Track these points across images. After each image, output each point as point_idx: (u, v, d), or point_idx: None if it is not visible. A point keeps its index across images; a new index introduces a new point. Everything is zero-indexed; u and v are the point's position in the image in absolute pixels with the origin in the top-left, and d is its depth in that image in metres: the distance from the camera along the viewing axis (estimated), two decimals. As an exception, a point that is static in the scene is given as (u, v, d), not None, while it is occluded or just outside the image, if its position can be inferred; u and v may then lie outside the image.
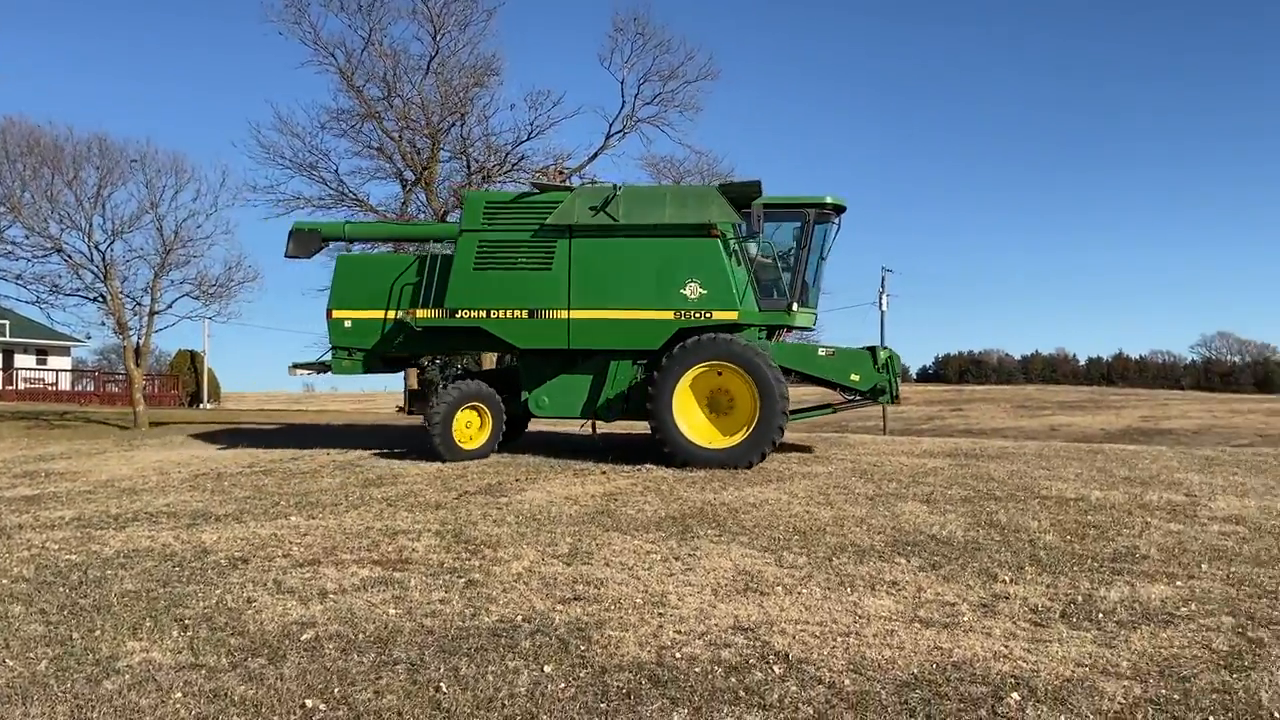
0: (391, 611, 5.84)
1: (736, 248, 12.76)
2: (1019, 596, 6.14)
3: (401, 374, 33.26)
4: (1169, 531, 8.07)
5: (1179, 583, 6.41)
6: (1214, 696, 4.41)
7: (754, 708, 4.34)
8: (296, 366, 15.32)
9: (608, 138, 33.07)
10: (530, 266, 12.98)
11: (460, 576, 6.67)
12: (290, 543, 7.84)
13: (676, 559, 7.23)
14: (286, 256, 15.02)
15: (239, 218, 78.64)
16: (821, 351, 13.23)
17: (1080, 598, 6.09)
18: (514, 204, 13.36)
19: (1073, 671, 4.75)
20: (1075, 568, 6.86)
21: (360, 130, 31.29)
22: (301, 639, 5.34)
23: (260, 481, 11.59)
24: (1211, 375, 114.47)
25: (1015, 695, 4.44)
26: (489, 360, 26.58)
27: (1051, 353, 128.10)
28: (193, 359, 49.92)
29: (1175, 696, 4.41)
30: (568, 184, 14.14)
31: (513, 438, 14.81)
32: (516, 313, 12.93)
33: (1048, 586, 6.38)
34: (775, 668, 4.84)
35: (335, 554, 7.42)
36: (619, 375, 13.14)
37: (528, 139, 31.29)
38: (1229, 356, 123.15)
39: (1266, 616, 5.64)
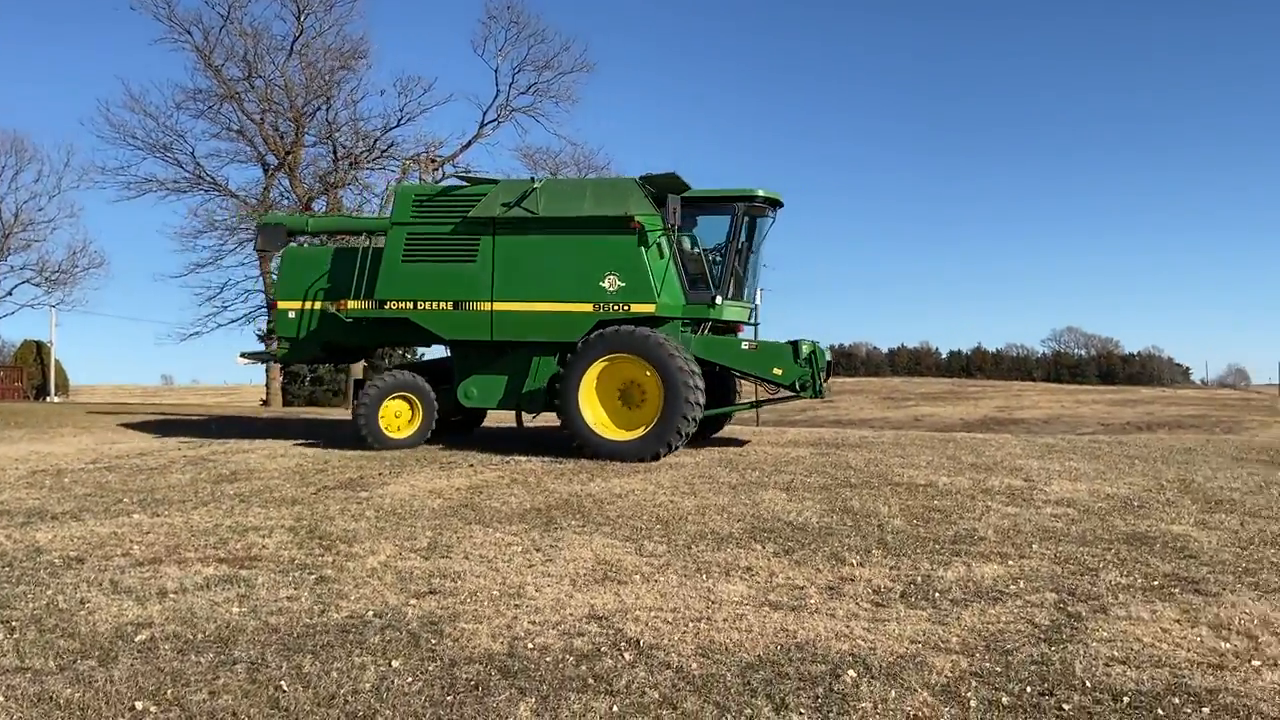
0: (235, 610, 5.66)
1: (660, 240, 12.63)
2: (864, 578, 6.39)
3: (264, 366, 32.17)
4: (1006, 514, 8.52)
5: (1010, 562, 6.78)
6: (1033, 668, 4.68)
7: (601, 694, 4.39)
8: (245, 356, 15.57)
9: (481, 126, 32.85)
10: (456, 259, 13.09)
11: (311, 573, 6.51)
12: (131, 541, 7.49)
13: (538, 550, 7.24)
14: (256, 250, 15.59)
15: (85, 200, 73.97)
16: (744, 345, 13.00)
17: (920, 578, 6.37)
18: (441, 197, 13.53)
19: (906, 648, 4.97)
20: (918, 550, 7.18)
21: (219, 111, 30.18)
22: (136, 640, 5.12)
23: (103, 478, 11.04)
24: (1061, 368, 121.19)
25: (852, 673, 4.62)
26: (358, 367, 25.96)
27: (916, 346, 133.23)
28: (39, 350, 47.01)
29: (998, 669, 4.67)
30: (490, 176, 14.17)
31: (465, 430, 15.24)
32: (442, 305, 13.09)
33: (891, 568, 6.65)
34: (626, 654, 4.90)
35: (179, 552, 7.13)
36: (542, 368, 13.10)
37: (398, 125, 30.79)
38: (1076, 350, 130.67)
39: (1086, 592, 6.02)
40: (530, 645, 5.03)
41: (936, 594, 6.00)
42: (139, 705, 4.26)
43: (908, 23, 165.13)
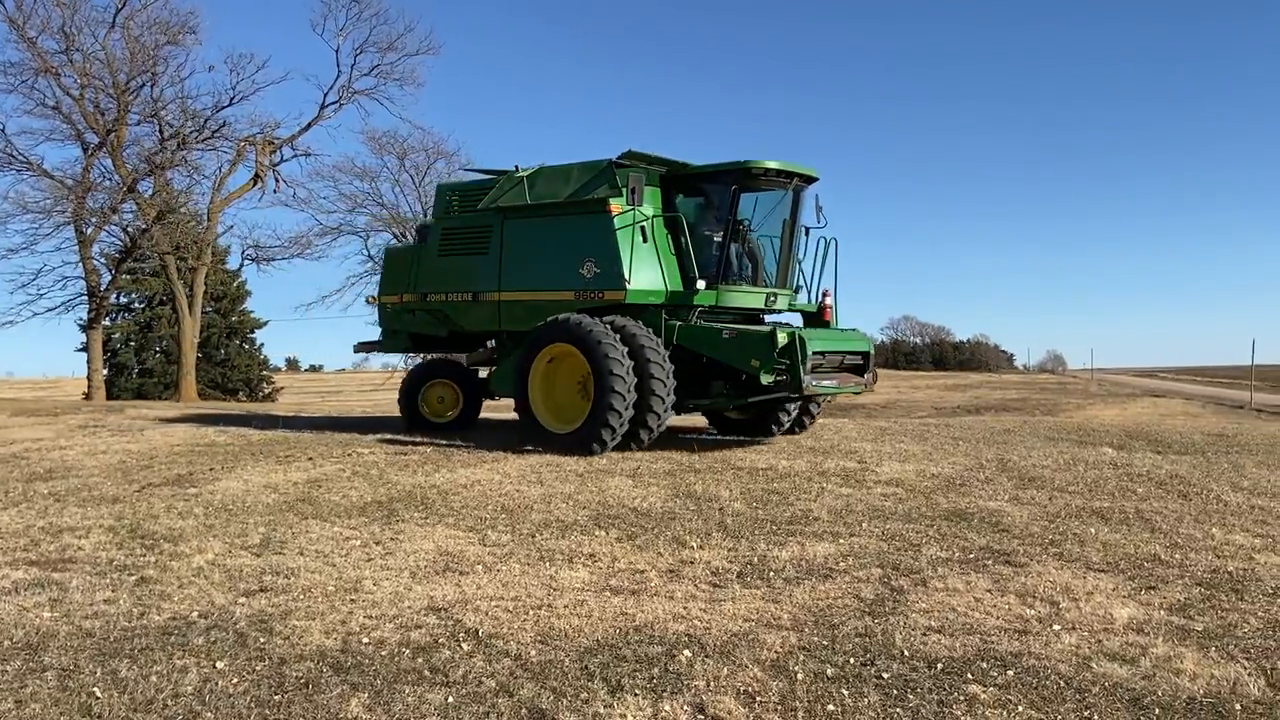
0: (46, 615, 5.31)
1: (642, 223, 11.93)
2: (703, 560, 6.54)
3: (85, 357, 30.27)
4: (840, 495, 8.88)
5: (841, 540, 7.08)
6: (857, 640, 4.91)
7: (437, 685, 4.35)
8: (360, 346, 16.11)
9: (322, 108, 31.80)
10: (474, 251, 13.35)
11: (131, 574, 6.18)
12: (-72, 547, 6.93)
13: (377, 544, 7.09)
14: None
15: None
16: (725, 334, 11.63)
17: (756, 559, 6.57)
18: (467, 190, 13.80)
19: (740, 626, 5.12)
20: (756, 531, 7.39)
21: (33, 86, 28.06)
22: (-70, 653, 4.74)
23: (-103, 480, 10.14)
24: (898, 354, 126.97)
25: (687, 652, 4.73)
26: None
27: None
28: None
29: (824, 642, 4.87)
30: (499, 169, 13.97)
31: None
32: (463, 296, 13.39)
33: (730, 550, 6.83)
34: (464, 645, 4.87)
35: (-17, 557, 6.64)
36: None
37: (230, 104, 29.40)
38: (912, 338, 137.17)
39: (909, 566, 6.35)
40: (365, 640, 4.93)
41: (771, 573, 6.20)
42: (-69, 722, 3.96)
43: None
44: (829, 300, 13.20)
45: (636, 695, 4.23)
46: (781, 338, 11.10)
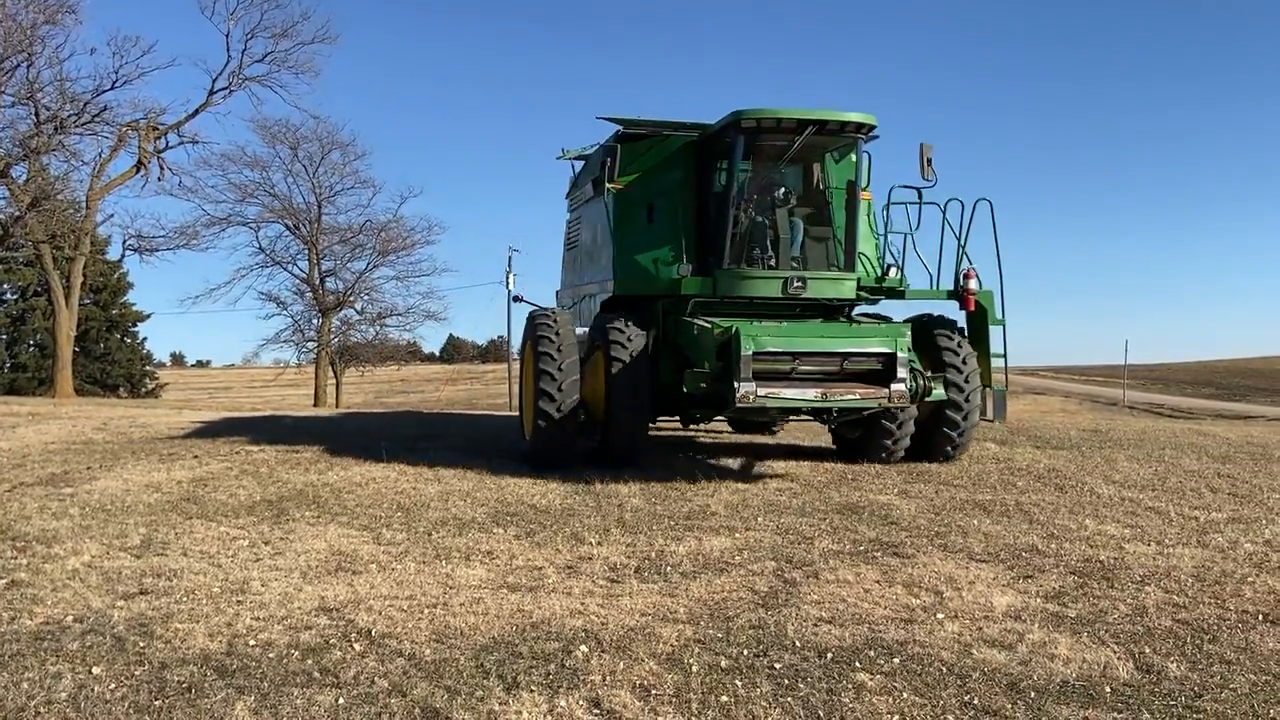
0: (-96, 623, 5.01)
1: (652, 201, 10.45)
2: (601, 556, 6.56)
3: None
4: (737, 490, 9.00)
5: (737, 534, 7.19)
6: (751, 632, 4.99)
7: (327, 687, 4.25)
8: None
9: (211, 94, 30.75)
10: (572, 244, 13.04)
11: (1, 577, 5.87)
12: None
13: (266, 544, 6.90)
14: None
15: None
16: (695, 330, 9.57)
17: (654, 554, 6.62)
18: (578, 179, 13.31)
19: (637, 621, 5.15)
20: (654, 527, 7.45)
21: (-107, 62, 26.35)
22: None
23: None
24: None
25: (584, 648, 4.73)
26: None
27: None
28: None
29: (719, 635, 4.94)
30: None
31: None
32: (572, 291, 12.90)
33: (628, 546, 6.87)
34: (356, 645, 4.78)
35: None
36: None
37: (112, 88, 28.17)
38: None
39: (802, 559, 6.49)
40: (252, 642, 4.79)
41: (668, 568, 6.26)
42: None
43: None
44: (974, 282, 10.26)
45: (532, 692, 4.22)
46: (715, 333, 9.07)
